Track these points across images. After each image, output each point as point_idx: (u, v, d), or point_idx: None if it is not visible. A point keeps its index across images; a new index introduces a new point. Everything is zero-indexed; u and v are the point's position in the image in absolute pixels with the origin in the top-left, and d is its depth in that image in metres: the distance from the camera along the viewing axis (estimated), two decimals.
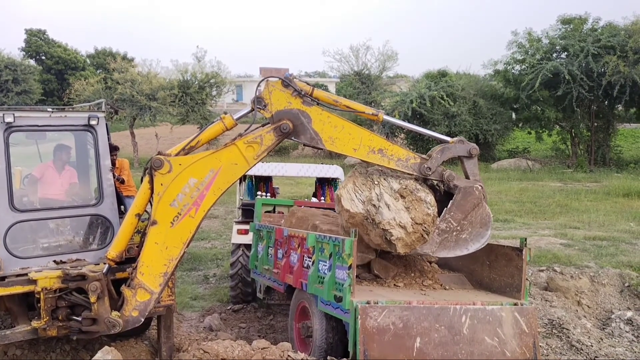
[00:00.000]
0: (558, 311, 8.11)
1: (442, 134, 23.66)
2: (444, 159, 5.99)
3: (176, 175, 5.51)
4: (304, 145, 6.19)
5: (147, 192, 5.58)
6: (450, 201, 5.85)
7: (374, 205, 5.79)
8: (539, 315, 7.85)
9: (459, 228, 5.82)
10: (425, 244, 5.79)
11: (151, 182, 5.54)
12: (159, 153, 5.60)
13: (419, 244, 5.86)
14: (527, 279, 5.90)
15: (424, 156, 6.00)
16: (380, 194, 5.81)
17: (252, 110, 5.81)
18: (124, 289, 5.61)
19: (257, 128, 5.85)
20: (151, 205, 5.60)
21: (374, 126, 31.42)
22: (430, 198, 5.88)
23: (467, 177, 6.03)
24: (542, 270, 9.87)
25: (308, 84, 5.87)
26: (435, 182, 6.13)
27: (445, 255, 5.93)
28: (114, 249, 5.75)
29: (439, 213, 5.97)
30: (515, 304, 5.77)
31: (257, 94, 5.77)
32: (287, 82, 5.73)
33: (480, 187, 5.91)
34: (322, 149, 6.00)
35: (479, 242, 5.89)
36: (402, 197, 5.84)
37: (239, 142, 5.67)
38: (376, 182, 5.93)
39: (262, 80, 5.80)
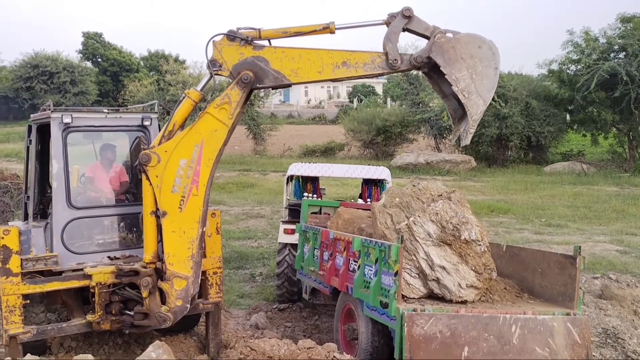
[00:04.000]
0: (613, 320, 7.82)
1: (492, 135, 22.79)
2: (396, 42, 5.66)
3: (166, 162, 5.61)
4: (272, 89, 6.11)
5: (149, 188, 5.70)
6: (440, 68, 5.56)
7: (432, 280, 5.70)
8: (592, 324, 7.59)
9: (471, 70, 5.53)
10: (472, 109, 5.52)
11: (148, 178, 5.65)
12: (144, 148, 5.70)
13: (489, 283, 5.81)
14: (580, 288, 5.70)
15: (386, 52, 5.65)
16: (427, 253, 5.70)
17: (211, 77, 5.77)
18: (161, 284, 5.74)
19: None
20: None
21: (422, 127, 31.08)
22: (475, 231, 5.72)
23: (425, 37, 5.71)
24: (596, 278, 9.54)
25: (253, 28, 5.70)
26: (421, 72, 5.87)
27: (492, 91, 5.59)
28: (147, 253, 5.89)
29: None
30: (568, 314, 5.58)
31: (209, 58, 5.67)
32: (232, 35, 5.63)
33: (439, 35, 5.58)
34: (289, 85, 5.86)
35: (494, 54, 5.57)
36: (448, 244, 5.72)
37: (209, 108, 5.68)
38: (413, 239, 5.77)
39: (208, 42, 5.65)
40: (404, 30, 5.68)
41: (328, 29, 5.72)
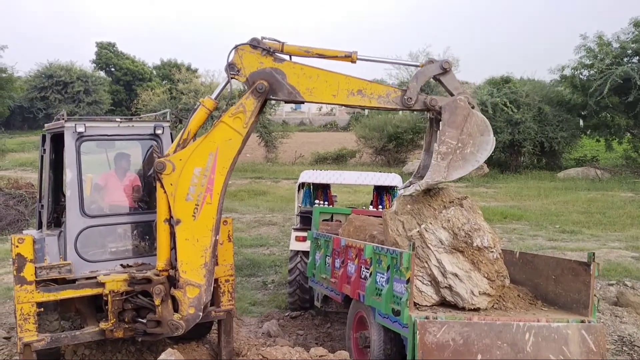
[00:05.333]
0: (629, 327, 7.73)
1: (504, 141, 22.73)
2: (421, 84, 5.74)
3: (180, 170, 5.64)
4: (284, 102, 6.13)
5: (164, 196, 5.73)
6: (440, 123, 5.61)
7: (444, 287, 5.66)
8: (608, 331, 7.49)
9: (460, 145, 5.57)
10: (433, 174, 5.56)
11: (162, 186, 5.69)
12: (158, 156, 5.75)
13: (502, 290, 5.75)
14: (595, 295, 5.64)
15: (404, 89, 5.77)
16: (439, 260, 5.67)
17: (228, 82, 5.81)
18: (173, 292, 5.76)
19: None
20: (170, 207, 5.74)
21: None
22: (487, 238, 5.69)
23: (451, 94, 5.76)
24: (611, 285, 9.45)
25: (277, 40, 5.78)
26: (428, 115, 5.92)
27: (460, 175, 5.67)
28: (160, 260, 5.91)
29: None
30: (583, 322, 5.51)
31: (229, 60, 5.72)
32: (255, 43, 5.69)
33: (463, 98, 5.63)
34: (302, 102, 5.93)
35: (486, 150, 5.64)
36: (460, 251, 5.69)
37: (224, 117, 5.72)
38: (424, 246, 5.75)
39: (232, 49, 5.72)
40: (434, 78, 5.80)
41: (350, 57, 5.83)
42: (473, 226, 5.74)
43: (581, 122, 29.36)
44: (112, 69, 52.44)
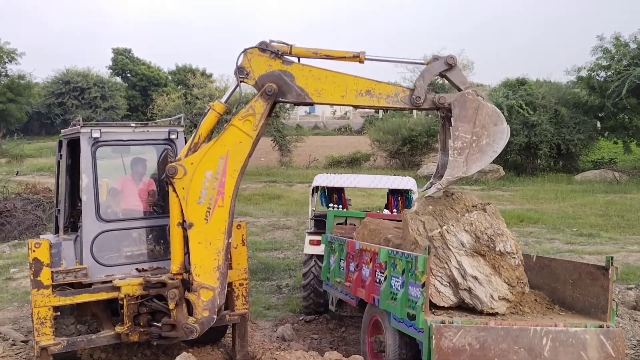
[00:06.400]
0: None
1: (520, 143, 22.49)
2: (428, 82, 5.73)
3: (192, 174, 5.69)
4: (293, 105, 6.15)
5: (176, 200, 5.78)
6: (452, 119, 5.58)
7: (464, 289, 5.60)
8: (627, 336, 7.38)
9: (474, 138, 5.54)
10: (452, 170, 5.53)
11: (174, 190, 5.73)
12: (171, 161, 5.79)
13: (521, 297, 5.70)
14: (613, 299, 5.55)
15: (412, 88, 5.76)
16: (459, 262, 5.63)
17: (237, 85, 5.85)
18: (188, 295, 5.78)
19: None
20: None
21: None
22: (510, 244, 5.64)
23: (458, 89, 5.75)
24: (630, 289, 9.32)
25: (286, 43, 5.81)
26: (439, 114, 5.89)
27: (479, 168, 5.64)
28: (174, 264, 5.94)
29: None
30: (601, 326, 5.43)
31: (238, 64, 5.77)
32: (263, 46, 5.73)
33: (471, 90, 5.61)
34: (311, 104, 5.97)
35: (502, 140, 5.59)
36: (481, 255, 5.64)
37: (234, 121, 5.76)
38: (445, 248, 5.72)
39: (241, 53, 5.77)
40: (440, 75, 5.78)
41: (358, 57, 5.85)
42: (496, 231, 5.69)
43: (598, 124, 29.03)
44: (128, 75, 53.01)
